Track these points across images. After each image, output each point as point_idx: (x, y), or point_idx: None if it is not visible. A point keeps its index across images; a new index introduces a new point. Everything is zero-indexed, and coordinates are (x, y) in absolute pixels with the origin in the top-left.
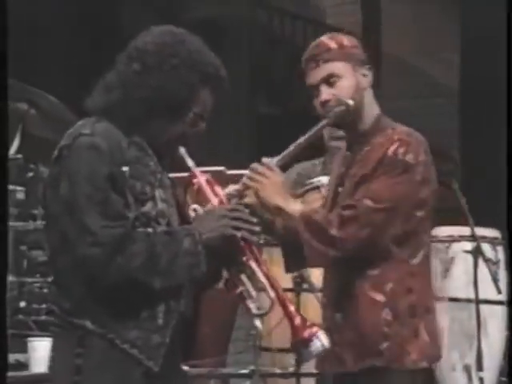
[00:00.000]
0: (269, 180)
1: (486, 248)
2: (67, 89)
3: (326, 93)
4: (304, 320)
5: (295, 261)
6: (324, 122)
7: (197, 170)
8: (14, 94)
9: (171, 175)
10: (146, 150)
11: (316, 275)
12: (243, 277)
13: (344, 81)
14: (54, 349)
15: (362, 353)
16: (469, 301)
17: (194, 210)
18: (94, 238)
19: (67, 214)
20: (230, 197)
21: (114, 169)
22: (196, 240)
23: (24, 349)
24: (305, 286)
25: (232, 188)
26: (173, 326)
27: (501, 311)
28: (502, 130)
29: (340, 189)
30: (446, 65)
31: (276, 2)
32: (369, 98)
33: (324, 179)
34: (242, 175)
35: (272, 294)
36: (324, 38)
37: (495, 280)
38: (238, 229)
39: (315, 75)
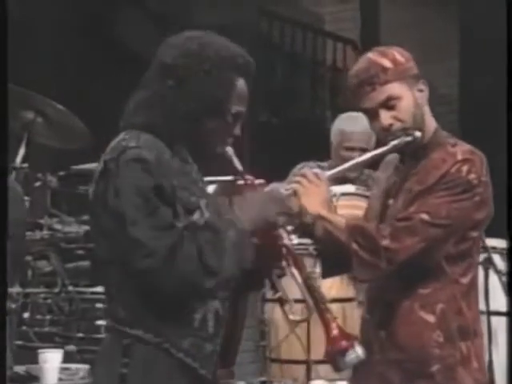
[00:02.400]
0: (317, 189)
1: (497, 259)
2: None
3: (386, 117)
4: (341, 330)
5: (332, 267)
6: (386, 148)
7: (246, 174)
8: (19, 102)
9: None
10: (187, 159)
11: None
12: (283, 282)
13: (403, 101)
14: (99, 360)
15: (410, 374)
16: (480, 312)
17: None
18: (145, 249)
19: (117, 227)
20: None
21: (162, 180)
22: (239, 230)
23: (26, 360)
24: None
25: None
26: (222, 334)
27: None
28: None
29: (390, 201)
30: (446, 72)
31: (275, 9)
32: (427, 112)
33: (351, 188)
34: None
35: (310, 301)
36: (375, 57)
37: (508, 292)
38: (279, 214)
39: (372, 100)
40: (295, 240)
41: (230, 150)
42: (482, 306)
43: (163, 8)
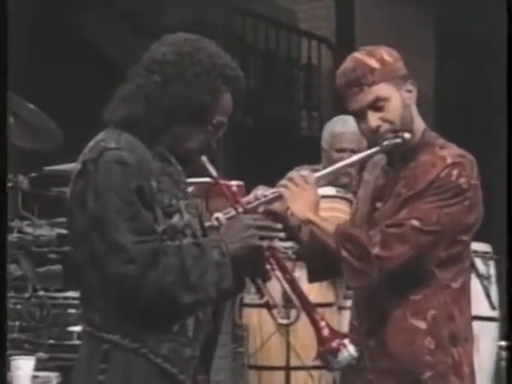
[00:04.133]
0: (304, 193)
1: (478, 263)
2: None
3: (374, 119)
4: (331, 329)
5: (318, 272)
6: (375, 149)
7: (221, 180)
8: None
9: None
10: (169, 158)
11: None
12: (268, 286)
13: (391, 102)
14: (76, 367)
15: (402, 382)
16: None
17: (217, 218)
18: (126, 254)
19: (96, 231)
20: (257, 200)
21: (143, 182)
22: (223, 252)
23: None
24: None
25: (260, 192)
26: (201, 339)
27: (492, 327)
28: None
29: (378, 204)
30: (422, 71)
31: (248, 6)
32: (415, 113)
33: (331, 190)
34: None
35: (298, 303)
36: (362, 57)
37: (489, 296)
38: (263, 238)
39: (359, 101)
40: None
41: (204, 158)
42: None
43: (135, 6)
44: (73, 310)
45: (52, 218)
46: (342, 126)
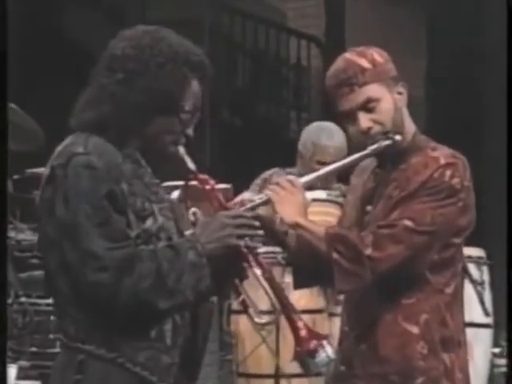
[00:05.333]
0: (292, 197)
1: (472, 268)
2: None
3: (365, 120)
4: (309, 329)
5: (306, 278)
6: (365, 152)
7: (200, 174)
8: None
9: (167, 184)
10: (140, 161)
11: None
12: (245, 284)
13: (382, 103)
14: (52, 378)
15: None
16: None
17: (194, 213)
18: (99, 262)
19: (67, 239)
20: (243, 205)
21: (113, 187)
22: (200, 252)
23: None
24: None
25: (247, 196)
26: (180, 345)
27: (486, 334)
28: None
29: (369, 207)
30: (412, 73)
31: (236, 4)
32: (406, 115)
33: (322, 194)
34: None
35: (275, 301)
36: (353, 57)
37: (482, 302)
38: (241, 237)
39: (350, 102)
40: (262, 248)
41: (181, 149)
42: None
43: (119, 4)
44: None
45: (34, 222)
46: (328, 138)
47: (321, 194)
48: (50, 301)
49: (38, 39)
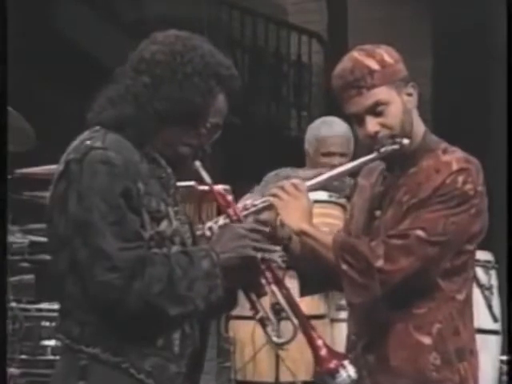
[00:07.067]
0: (296, 202)
1: (479, 272)
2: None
3: (373, 124)
4: (329, 349)
5: (311, 284)
6: (371, 156)
7: (215, 186)
8: None
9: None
10: (159, 160)
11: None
12: (262, 301)
13: (391, 107)
14: (54, 381)
15: None
16: None
17: (210, 228)
18: (110, 262)
19: (78, 236)
20: (246, 210)
21: (130, 185)
22: (214, 262)
23: None
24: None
25: (250, 201)
26: (188, 355)
27: (494, 341)
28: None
29: (378, 212)
30: (417, 71)
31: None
32: (415, 117)
33: (323, 195)
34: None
35: (295, 320)
36: (361, 57)
37: (490, 307)
38: (257, 250)
39: (357, 105)
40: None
41: (197, 163)
42: None
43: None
44: (47, 323)
45: (24, 224)
46: (328, 129)
47: (322, 195)
48: (41, 306)
49: (31, 37)
